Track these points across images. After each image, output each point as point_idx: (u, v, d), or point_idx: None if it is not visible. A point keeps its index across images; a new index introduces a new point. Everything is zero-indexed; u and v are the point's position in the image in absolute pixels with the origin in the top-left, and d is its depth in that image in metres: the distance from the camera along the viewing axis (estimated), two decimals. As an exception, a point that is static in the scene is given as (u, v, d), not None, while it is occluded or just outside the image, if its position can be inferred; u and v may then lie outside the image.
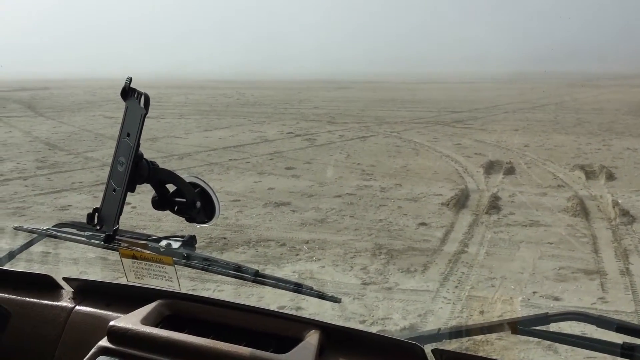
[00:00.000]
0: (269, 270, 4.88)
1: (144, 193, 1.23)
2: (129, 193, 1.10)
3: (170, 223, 6.23)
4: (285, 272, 4.88)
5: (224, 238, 5.80)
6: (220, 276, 1.36)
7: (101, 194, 1.13)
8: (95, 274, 4.75)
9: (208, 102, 25.85)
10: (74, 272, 4.77)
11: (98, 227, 1.12)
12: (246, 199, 7.44)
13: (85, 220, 1.15)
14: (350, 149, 11.67)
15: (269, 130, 14.84)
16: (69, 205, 7.18)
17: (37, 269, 4.29)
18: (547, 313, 1.10)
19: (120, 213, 1.09)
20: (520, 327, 1.09)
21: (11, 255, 1.37)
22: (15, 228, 1.41)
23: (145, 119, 1.10)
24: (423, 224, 6.34)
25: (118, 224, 1.09)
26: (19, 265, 1.34)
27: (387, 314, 4.09)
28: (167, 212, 1.20)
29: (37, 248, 1.54)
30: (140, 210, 6.65)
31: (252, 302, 4.12)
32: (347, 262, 5.13)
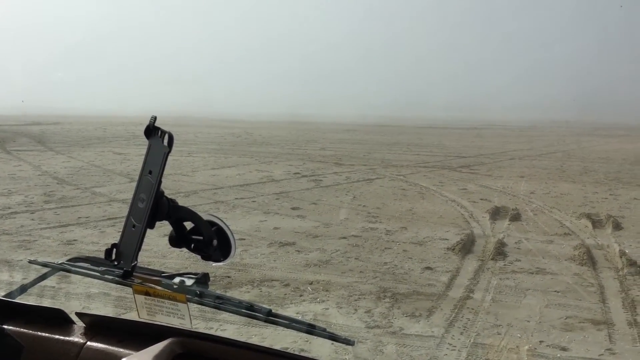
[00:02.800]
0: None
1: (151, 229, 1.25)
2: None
3: (175, 260, 6.22)
4: (288, 313, 4.84)
5: (228, 277, 5.77)
6: (224, 314, 1.35)
7: (109, 229, 1.15)
8: (105, 309, 4.72)
9: (216, 140, 26.09)
10: (80, 307, 4.75)
11: (116, 263, 1.14)
12: (251, 238, 7.43)
13: (97, 256, 1.17)
14: (356, 191, 11.69)
15: (276, 170, 14.92)
16: (74, 240, 7.19)
17: (48, 303, 4.27)
18: None
19: (139, 249, 1.10)
20: None
21: (23, 289, 1.37)
22: (30, 261, 1.42)
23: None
24: (428, 268, 6.31)
25: (137, 260, 1.10)
26: (30, 299, 1.35)
27: (391, 359, 4.03)
28: (170, 247, 1.21)
29: (49, 282, 1.55)
30: (143, 246, 6.65)
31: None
32: (351, 304, 5.09)
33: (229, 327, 4.40)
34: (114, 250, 1.15)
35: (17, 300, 1.29)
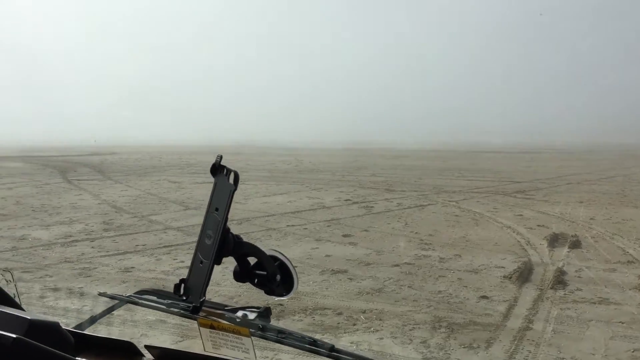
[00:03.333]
0: (325, 339, 4.82)
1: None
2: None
3: (228, 288, 6.27)
4: (343, 342, 4.80)
5: (281, 305, 5.78)
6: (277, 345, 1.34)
7: (165, 256, 1.18)
8: (162, 337, 4.80)
9: (267, 168, 26.43)
10: (138, 334, 4.84)
11: (185, 298, 1.16)
12: (303, 266, 7.44)
13: (161, 288, 1.19)
14: (408, 218, 11.57)
15: (327, 197, 14.95)
16: (132, 267, 7.37)
17: (116, 334, 4.38)
18: None
19: (207, 285, 1.12)
20: None
21: (93, 320, 1.41)
22: (100, 294, 1.47)
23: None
24: (484, 297, 6.14)
25: (205, 295, 1.13)
26: (99, 330, 1.39)
27: (449, 391, 3.92)
28: (223, 275, 1.22)
29: (117, 313, 1.59)
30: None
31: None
32: (406, 334, 5.00)
33: (285, 357, 4.39)
34: (182, 285, 1.17)
35: (87, 331, 1.33)
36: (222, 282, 6.43)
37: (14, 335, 0.90)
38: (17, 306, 1.19)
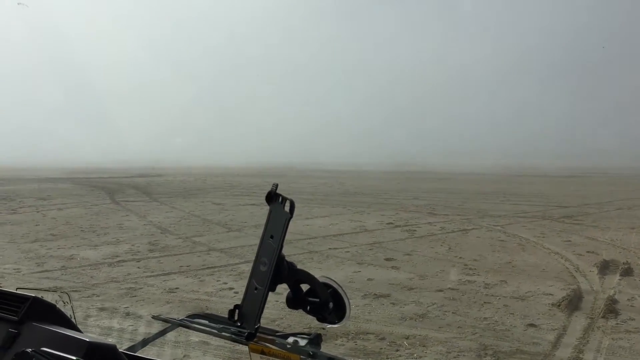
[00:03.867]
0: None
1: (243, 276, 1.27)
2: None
3: (270, 310, 6.28)
4: (385, 368, 4.73)
5: (323, 328, 5.74)
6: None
7: (208, 277, 1.18)
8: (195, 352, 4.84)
9: (309, 190, 26.51)
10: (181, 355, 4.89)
11: (239, 324, 1.17)
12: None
13: (204, 308, 1.20)
14: (452, 242, 11.39)
15: (369, 220, 14.88)
16: (176, 288, 7.47)
17: (168, 355, 4.45)
18: None
19: (262, 312, 1.13)
20: None
21: (145, 342, 1.44)
22: (153, 317, 1.49)
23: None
24: (532, 325, 5.97)
25: (259, 322, 1.13)
26: (151, 352, 1.41)
27: (495, 423, 3.81)
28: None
29: (169, 336, 1.62)
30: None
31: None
32: (450, 362, 4.89)
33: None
34: (237, 311, 1.18)
35: (139, 354, 1.35)
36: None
37: (74, 358, 0.92)
38: (75, 328, 1.22)
